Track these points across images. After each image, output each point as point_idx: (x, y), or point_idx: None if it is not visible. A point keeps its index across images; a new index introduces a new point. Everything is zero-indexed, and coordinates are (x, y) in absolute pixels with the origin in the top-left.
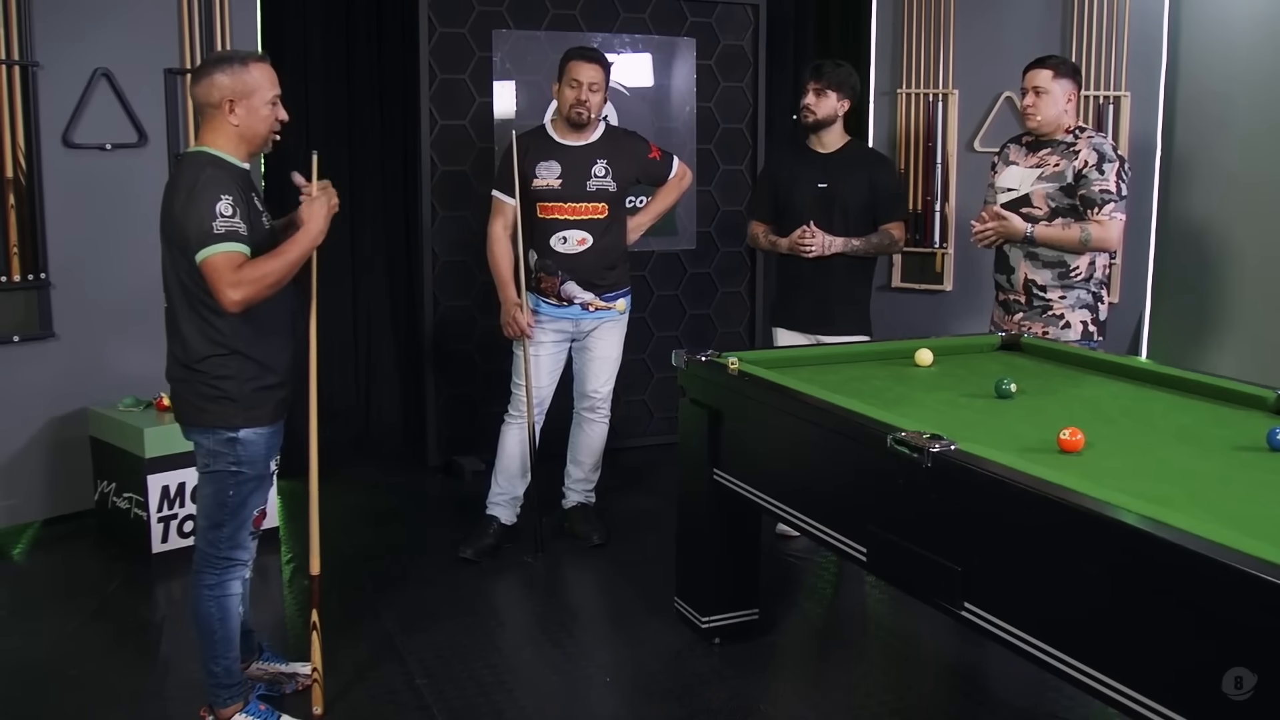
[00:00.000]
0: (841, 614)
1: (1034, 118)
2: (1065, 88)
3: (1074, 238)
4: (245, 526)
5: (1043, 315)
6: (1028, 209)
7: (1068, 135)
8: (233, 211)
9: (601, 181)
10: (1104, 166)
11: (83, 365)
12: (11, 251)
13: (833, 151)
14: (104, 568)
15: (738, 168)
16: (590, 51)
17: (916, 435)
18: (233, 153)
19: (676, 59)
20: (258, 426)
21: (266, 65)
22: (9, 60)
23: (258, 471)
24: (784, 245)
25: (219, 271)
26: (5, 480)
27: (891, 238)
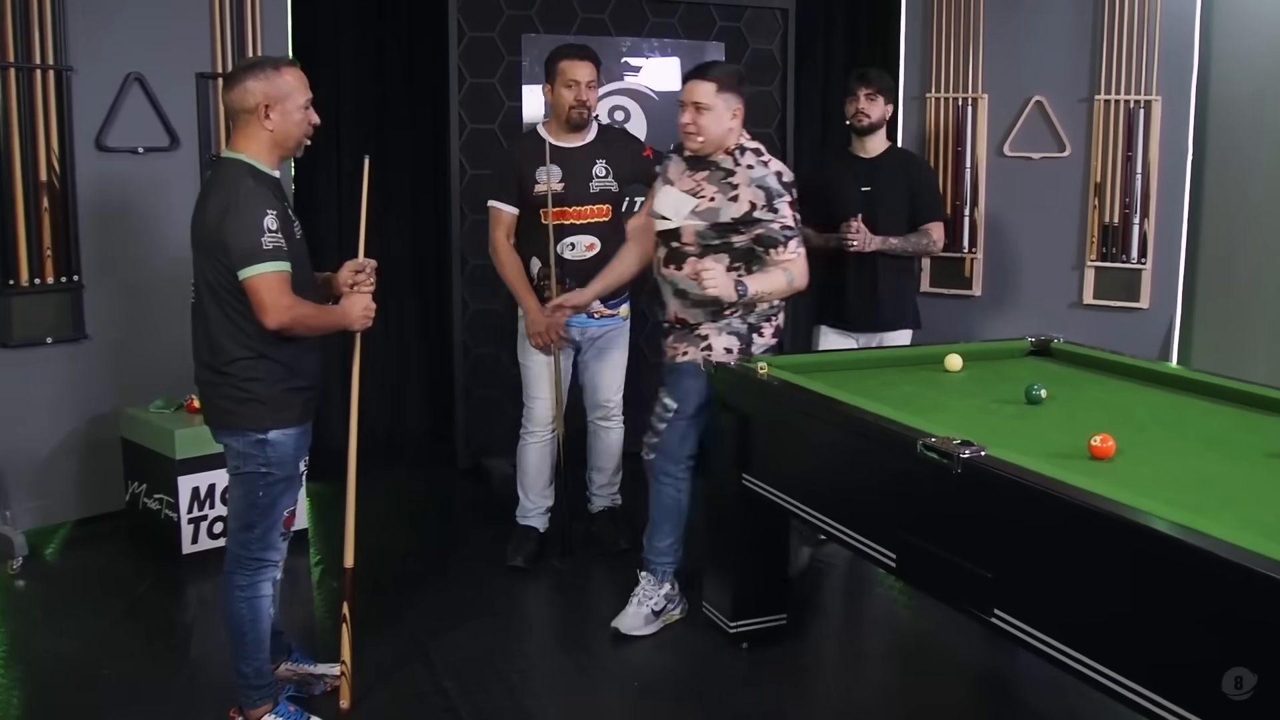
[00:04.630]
0: (870, 618)
1: (695, 138)
2: (730, 103)
3: (781, 284)
4: (276, 527)
5: (688, 336)
6: (679, 243)
7: (727, 157)
8: (278, 226)
9: (604, 182)
10: (776, 204)
11: (114, 367)
12: (45, 254)
13: (876, 156)
14: (135, 568)
15: None
16: (581, 49)
17: (946, 441)
18: (265, 159)
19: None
20: (286, 428)
21: (298, 70)
22: (43, 65)
23: (287, 472)
24: (834, 243)
25: (268, 292)
26: (37, 480)
27: (930, 237)
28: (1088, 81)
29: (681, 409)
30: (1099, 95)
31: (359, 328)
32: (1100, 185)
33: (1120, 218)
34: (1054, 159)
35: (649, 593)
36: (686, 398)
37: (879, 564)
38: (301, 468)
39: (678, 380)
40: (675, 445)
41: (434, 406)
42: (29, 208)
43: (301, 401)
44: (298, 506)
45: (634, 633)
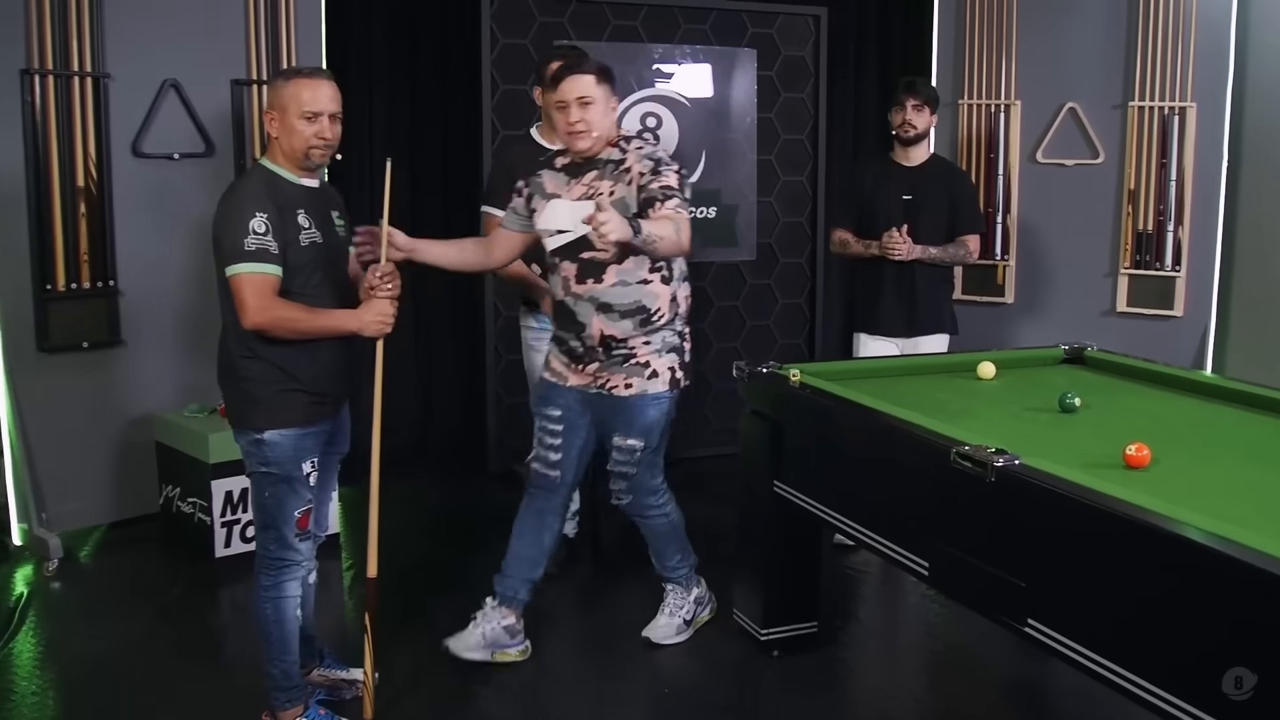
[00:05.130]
0: (901, 627)
1: (586, 136)
2: (609, 93)
3: (669, 231)
4: (289, 528)
5: (624, 365)
6: (591, 254)
7: (613, 150)
8: (265, 229)
9: None
10: (661, 169)
11: (149, 372)
12: (82, 259)
13: (918, 165)
14: (169, 571)
15: (798, 179)
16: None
17: (980, 449)
18: (285, 166)
19: (737, 70)
20: (283, 428)
21: (312, 81)
22: (81, 72)
23: (287, 473)
24: (875, 249)
25: (245, 292)
26: (73, 483)
27: (967, 249)
28: (1121, 88)
29: (647, 444)
30: (1133, 101)
31: (372, 334)
32: (1134, 192)
33: (1154, 225)
34: (1087, 166)
35: (679, 603)
36: (651, 432)
37: (912, 572)
38: (306, 468)
39: (634, 417)
40: (648, 479)
41: (465, 411)
42: (66, 213)
43: (304, 404)
44: (326, 510)
45: (666, 642)
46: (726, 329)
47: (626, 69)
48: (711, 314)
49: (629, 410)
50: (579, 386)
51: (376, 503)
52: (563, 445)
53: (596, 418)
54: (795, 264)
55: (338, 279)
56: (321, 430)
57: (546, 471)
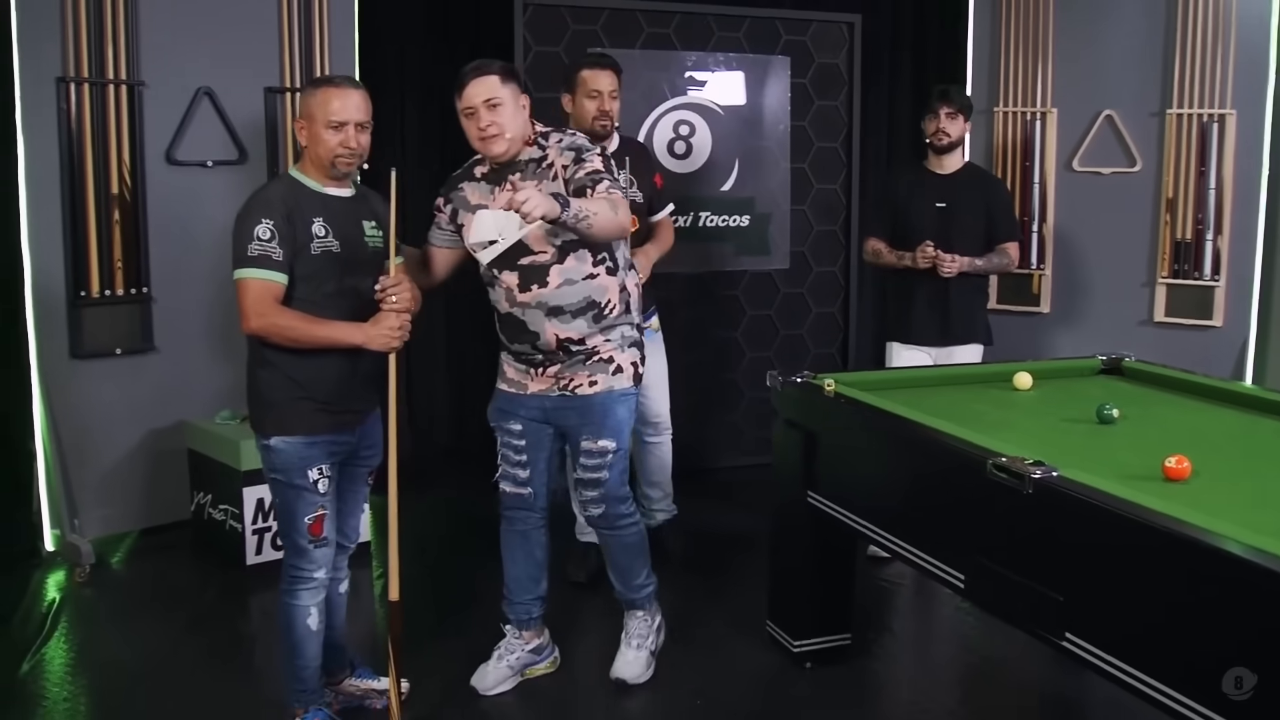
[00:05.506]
0: (935, 639)
1: (500, 140)
2: (516, 91)
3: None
4: (300, 534)
5: (586, 362)
6: (530, 258)
7: (532, 148)
8: (270, 236)
9: (629, 193)
10: (583, 157)
11: (181, 378)
12: (115, 266)
13: (953, 173)
14: (199, 578)
15: (832, 187)
16: (602, 58)
17: (1017, 461)
18: (313, 175)
19: (770, 77)
20: (287, 435)
21: (340, 90)
22: (116, 80)
23: (292, 480)
24: (909, 260)
25: (244, 297)
26: (105, 490)
27: (1009, 257)
28: (1160, 94)
29: (619, 445)
30: (1171, 109)
31: (378, 348)
32: (1172, 201)
33: (1193, 234)
34: (1125, 174)
35: (643, 631)
36: (621, 431)
37: (947, 585)
38: (313, 476)
39: (603, 416)
40: (618, 484)
41: None
42: (100, 220)
43: (310, 412)
44: (358, 520)
45: (639, 680)
46: (759, 338)
47: (659, 76)
48: (744, 323)
49: (596, 409)
50: (540, 393)
51: (395, 522)
52: (529, 460)
53: (561, 424)
54: (829, 273)
55: (357, 290)
56: (335, 441)
57: (518, 490)
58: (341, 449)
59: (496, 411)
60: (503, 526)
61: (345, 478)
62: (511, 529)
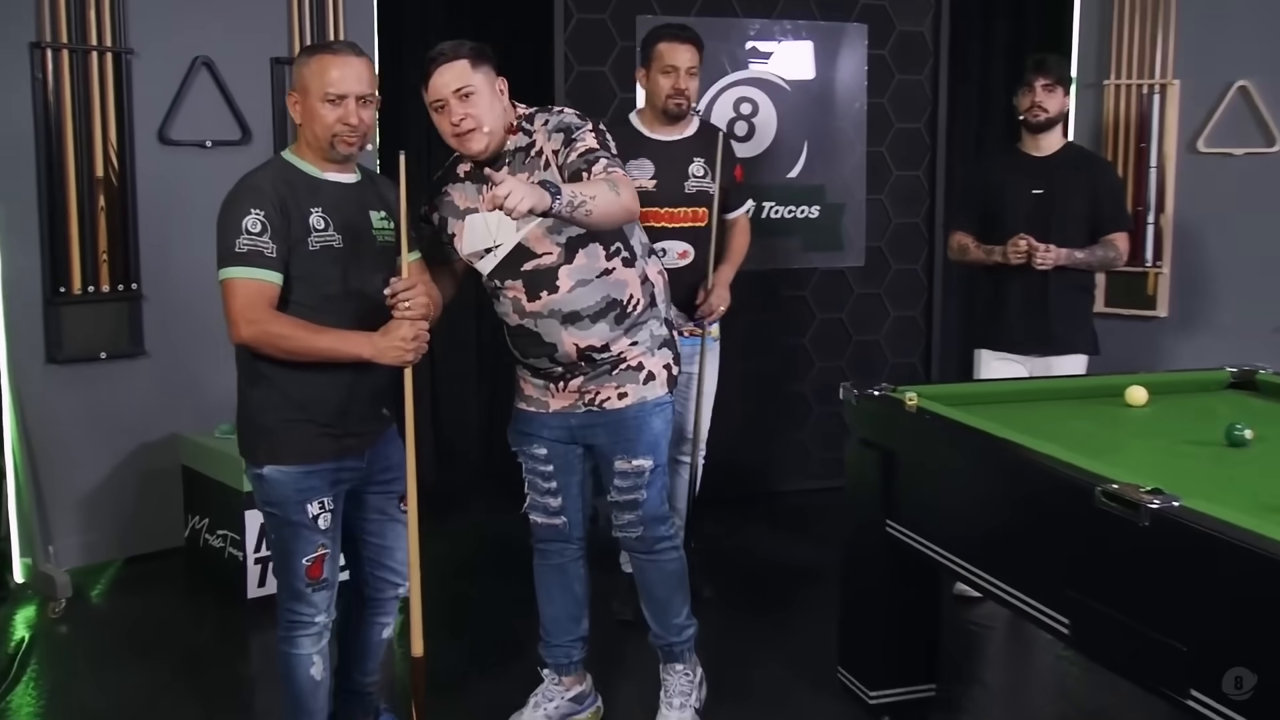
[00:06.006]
0: (1033, 692)
1: (478, 135)
2: (490, 75)
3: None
4: (297, 576)
5: (613, 372)
6: (533, 263)
7: (517, 136)
8: (261, 228)
9: (700, 182)
10: (574, 134)
11: (176, 386)
12: (101, 259)
13: (1051, 154)
14: (193, 613)
15: (914, 173)
16: (681, 30)
17: (1131, 488)
18: (308, 157)
19: (844, 48)
20: (282, 464)
21: (338, 58)
22: (100, 47)
23: (288, 515)
24: (998, 255)
25: (232, 299)
26: (86, 513)
27: (1117, 250)
28: None
29: (656, 460)
30: None
31: (390, 361)
32: None
33: None
34: (1260, 155)
35: (686, 687)
36: (658, 445)
37: (1048, 629)
38: (313, 511)
39: (637, 432)
40: (658, 504)
41: None
42: (83, 207)
43: (311, 437)
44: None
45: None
46: (830, 345)
47: (718, 48)
48: (813, 328)
49: (628, 425)
50: (563, 410)
51: (417, 572)
52: (559, 487)
53: (589, 442)
54: (909, 271)
55: (364, 291)
56: (339, 468)
57: (550, 521)
58: (348, 477)
59: (517, 434)
60: (536, 560)
61: (372, 509)
62: (546, 563)
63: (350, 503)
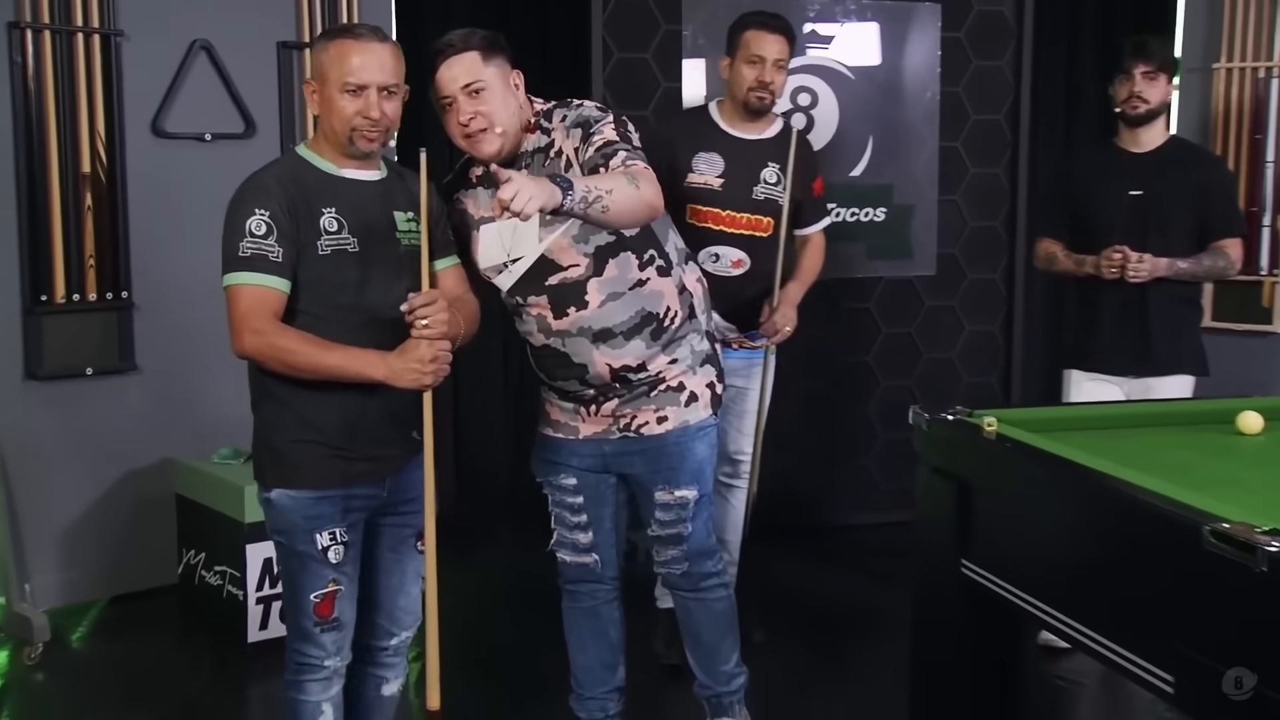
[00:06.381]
0: None
1: (489, 137)
2: (504, 69)
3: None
4: (304, 614)
5: (651, 394)
6: (559, 276)
7: (535, 135)
8: (265, 230)
9: (771, 190)
10: (592, 128)
11: (170, 406)
12: (87, 264)
13: (1151, 150)
14: (187, 659)
15: (993, 170)
16: (772, 19)
17: (1245, 528)
18: (326, 152)
19: (915, 30)
20: (289, 488)
21: (360, 44)
22: (87, 27)
23: (295, 545)
24: (1090, 266)
25: (236, 308)
26: (67, 547)
27: (1227, 258)
28: None
29: (701, 489)
30: None
31: (406, 385)
32: None
33: None
34: None
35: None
36: (702, 472)
37: (1148, 687)
38: (322, 541)
39: (681, 457)
40: (704, 536)
41: None
42: (68, 206)
43: (322, 459)
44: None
45: None
46: (897, 363)
47: None
48: (878, 343)
49: (669, 452)
50: (596, 435)
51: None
52: (590, 521)
53: (625, 471)
54: (987, 280)
55: (382, 303)
56: (354, 495)
57: (579, 559)
58: (363, 505)
59: (543, 463)
60: (565, 602)
61: (385, 543)
62: (577, 606)
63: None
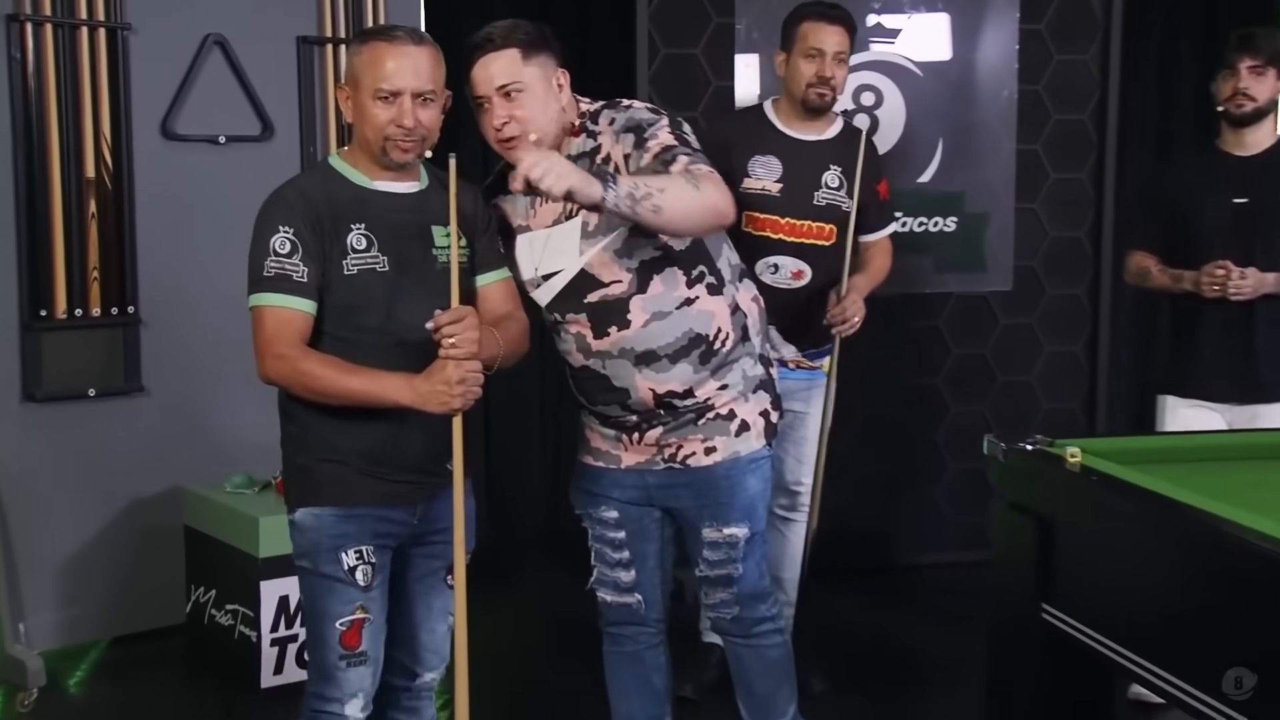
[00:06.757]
0: None
1: (525, 142)
2: (548, 68)
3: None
4: (328, 646)
5: (699, 422)
6: (600, 293)
7: (580, 139)
8: (290, 249)
9: (833, 195)
10: (646, 133)
11: (179, 430)
12: (90, 277)
13: (1258, 154)
14: (194, 706)
15: (1076, 176)
16: (831, 9)
17: None
18: (360, 163)
19: (990, 22)
20: (312, 506)
21: (395, 46)
22: (91, 20)
23: (319, 566)
24: (1188, 282)
25: (260, 329)
26: (65, 583)
27: None
28: None
29: (753, 526)
30: None
31: (435, 410)
32: None
33: None
34: None
35: None
36: (754, 508)
37: None
38: (348, 561)
39: (730, 493)
40: (757, 578)
41: None
42: (70, 213)
43: (346, 477)
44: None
45: None
46: (969, 387)
47: None
48: (948, 365)
49: (718, 486)
50: (639, 466)
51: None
52: (634, 558)
53: (670, 505)
54: (1070, 297)
55: (416, 325)
56: (383, 517)
57: (622, 599)
58: (394, 530)
59: (582, 494)
60: (606, 646)
61: (412, 575)
62: (618, 650)
63: None
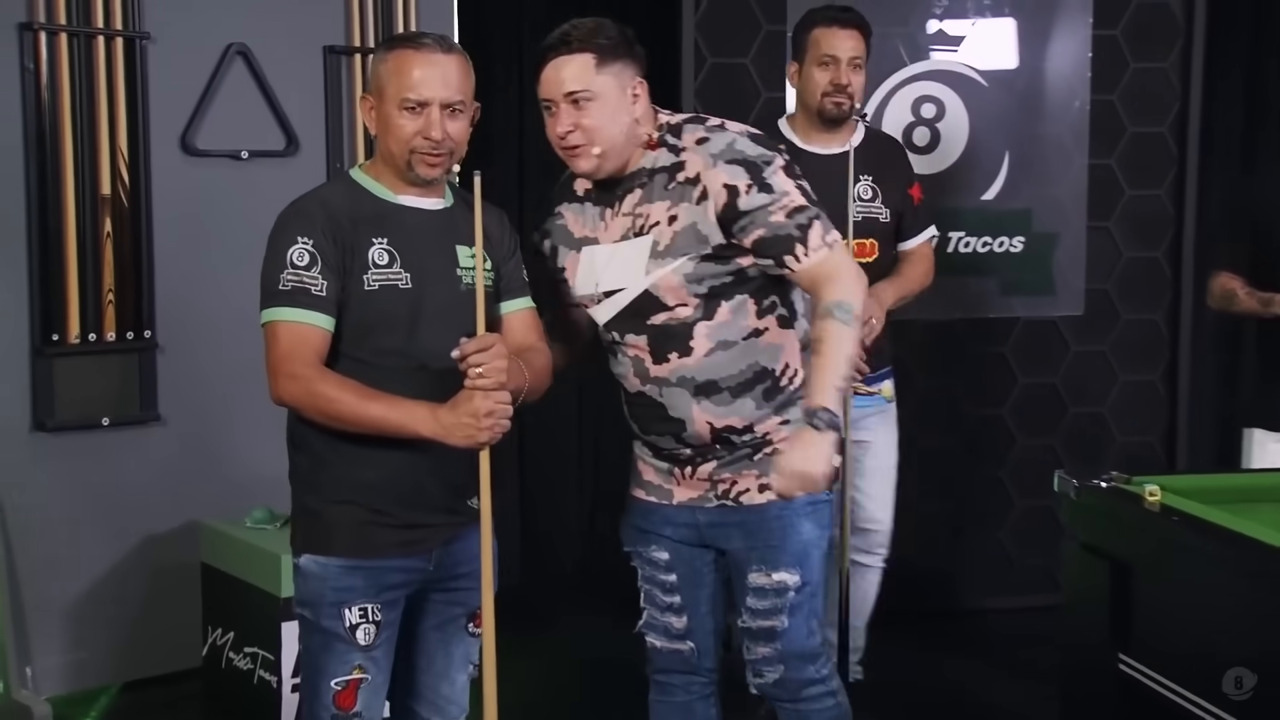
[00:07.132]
0: None
1: (587, 153)
2: (623, 77)
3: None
4: (321, 703)
5: (755, 458)
6: (664, 315)
7: (657, 152)
8: (309, 261)
9: (868, 206)
10: (767, 177)
11: (197, 462)
12: (105, 300)
13: None
14: None
15: (1154, 192)
16: (843, 12)
17: None
18: (384, 176)
19: (1061, 27)
20: (318, 554)
21: (422, 55)
22: (108, 29)
23: (318, 619)
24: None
25: (274, 346)
26: (75, 623)
27: None
28: None
29: (804, 577)
30: None
31: (457, 442)
32: None
33: None
34: None
35: None
36: (807, 555)
37: None
38: (351, 619)
39: (782, 535)
40: (804, 636)
41: None
42: (84, 233)
43: (360, 523)
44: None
45: None
46: (1038, 418)
47: (892, 32)
48: (1014, 394)
49: (770, 527)
50: (690, 502)
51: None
52: (686, 603)
53: (720, 545)
54: (1147, 322)
55: (438, 350)
56: (394, 568)
57: (673, 646)
58: (404, 581)
59: (633, 531)
60: (653, 695)
61: (430, 621)
62: (668, 700)
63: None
